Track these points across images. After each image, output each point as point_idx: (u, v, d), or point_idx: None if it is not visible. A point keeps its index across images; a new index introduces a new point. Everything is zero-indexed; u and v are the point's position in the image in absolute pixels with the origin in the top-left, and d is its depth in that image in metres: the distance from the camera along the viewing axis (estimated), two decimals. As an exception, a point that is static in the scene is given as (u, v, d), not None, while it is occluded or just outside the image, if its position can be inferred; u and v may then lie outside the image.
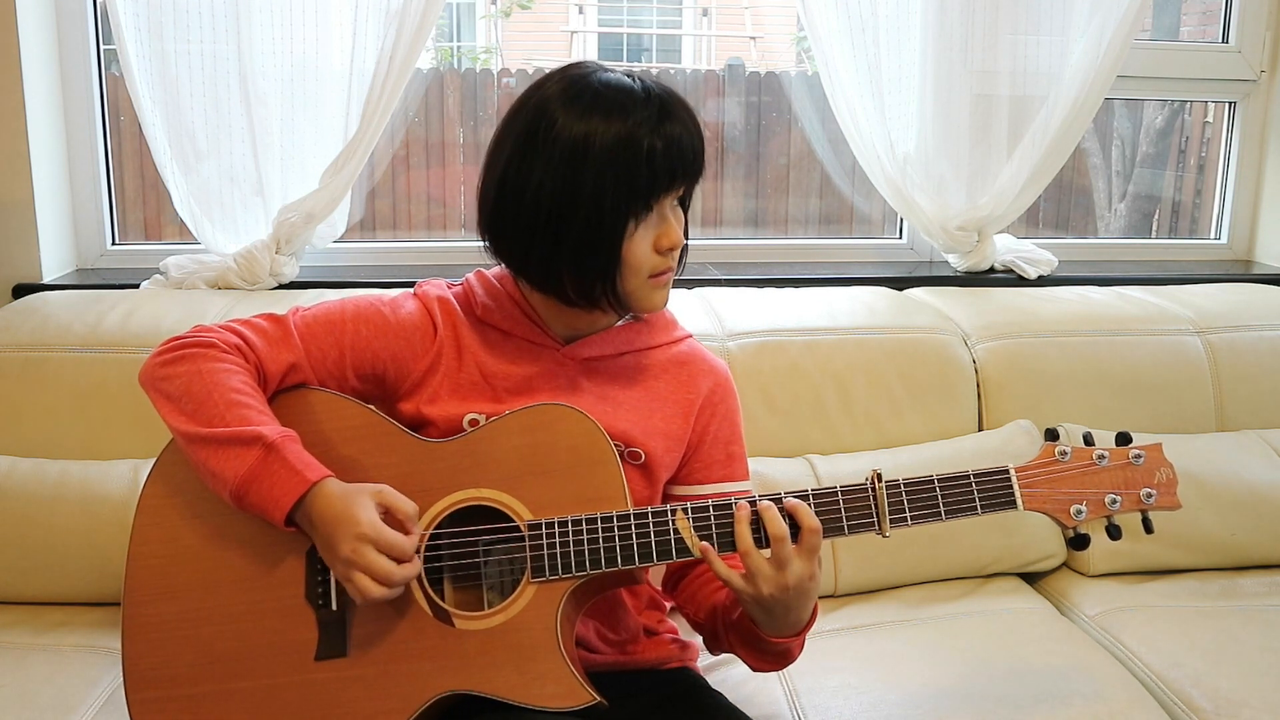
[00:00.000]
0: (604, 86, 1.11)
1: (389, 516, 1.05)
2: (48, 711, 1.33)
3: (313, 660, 1.08)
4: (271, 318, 1.18)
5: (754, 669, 1.19)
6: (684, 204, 1.20)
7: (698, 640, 1.36)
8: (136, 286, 1.96)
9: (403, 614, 1.08)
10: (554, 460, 1.10)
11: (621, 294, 1.15)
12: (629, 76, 1.13)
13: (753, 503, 1.07)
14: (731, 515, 1.07)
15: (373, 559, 1.01)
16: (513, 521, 1.09)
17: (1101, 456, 1.12)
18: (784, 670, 1.44)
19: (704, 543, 1.07)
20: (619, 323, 1.23)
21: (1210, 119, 2.63)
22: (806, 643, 1.16)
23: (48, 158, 2.00)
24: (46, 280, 1.99)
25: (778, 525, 1.04)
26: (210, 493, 1.10)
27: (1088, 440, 1.14)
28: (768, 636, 1.11)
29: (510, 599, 1.08)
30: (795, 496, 1.08)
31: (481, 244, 1.19)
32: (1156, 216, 2.76)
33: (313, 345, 1.17)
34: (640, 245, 1.12)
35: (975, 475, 1.10)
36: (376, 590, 1.01)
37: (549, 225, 1.11)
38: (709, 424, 1.25)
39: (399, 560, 1.03)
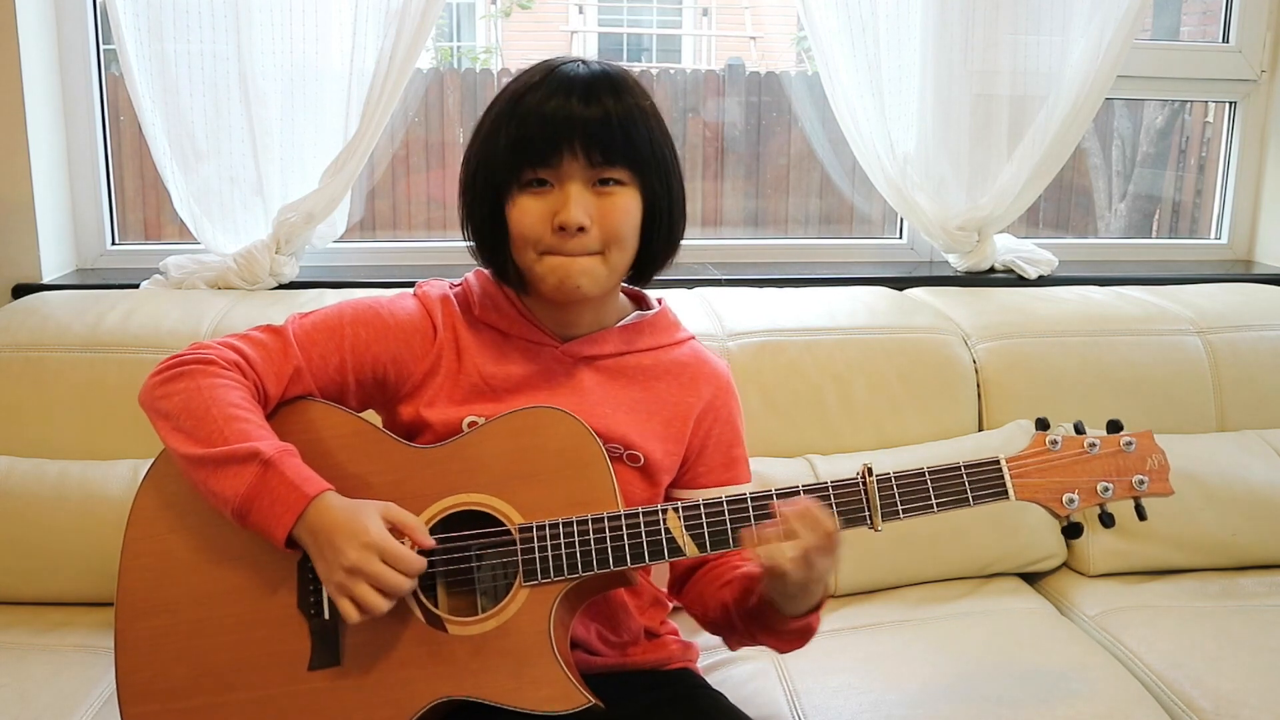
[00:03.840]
0: (541, 63, 1.12)
1: (395, 533, 1.04)
2: (48, 711, 1.34)
3: (306, 670, 1.07)
4: (269, 329, 1.17)
5: (780, 651, 1.20)
6: (652, 193, 1.13)
7: (699, 641, 1.36)
8: (136, 286, 1.96)
9: (395, 621, 1.07)
10: (543, 463, 1.09)
11: (521, 271, 1.15)
12: (581, 62, 1.12)
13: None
14: (720, 513, 1.08)
15: (380, 568, 1.01)
16: (504, 525, 1.09)
17: (1092, 444, 1.12)
18: (784, 670, 1.45)
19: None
20: (620, 323, 1.23)
21: (1210, 119, 2.63)
22: (807, 644, 1.17)
23: (48, 158, 2.00)
24: (46, 280, 1.99)
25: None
26: (201, 505, 1.09)
27: (1078, 429, 1.14)
28: (791, 617, 1.12)
29: (502, 603, 1.07)
30: (786, 492, 1.08)
31: None
32: (1156, 216, 2.76)
33: (313, 352, 1.15)
34: (527, 216, 1.10)
35: (966, 466, 1.10)
36: (378, 601, 1.00)
37: (463, 194, 1.16)
38: (711, 429, 1.24)
39: (404, 574, 1.02)
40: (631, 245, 1.14)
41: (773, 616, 1.13)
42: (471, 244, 1.18)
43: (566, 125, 1.07)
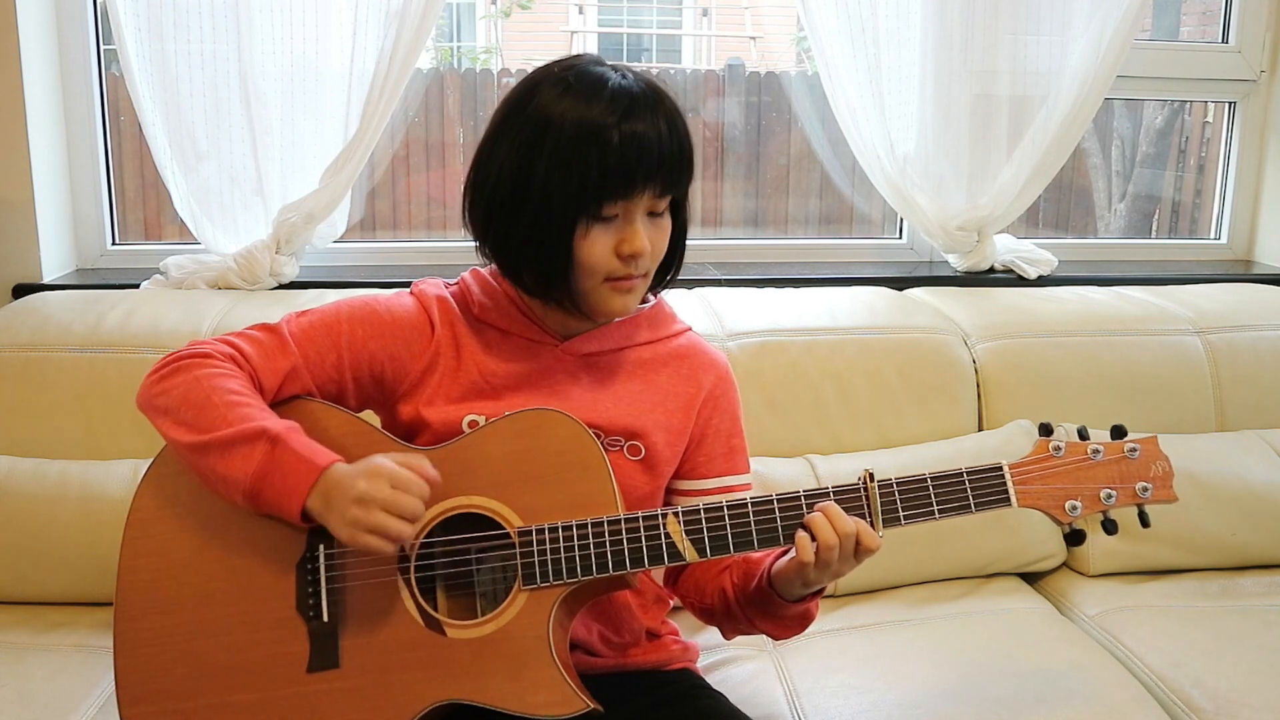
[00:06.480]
0: (581, 75, 1.09)
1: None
2: (48, 711, 1.34)
3: (305, 672, 1.07)
4: (265, 327, 1.17)
5: (777, 638, 1.22)
6: (677, 209, 1.16)
7: (698, 640, 1.36)
8: (136, 286, 1.96)
9: (394, 624, 1.07)
10: (543, 465, 1.09)
11: (576, 294, 1.13)
12: (616, 70, 1.10)
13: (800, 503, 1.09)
14: (720, 518, 1.07)
15: (390, 493, 1.00)
16: (503, 529, 1.09)
17: (1096, 451, 1.11)
18: (784, 670, 1.45)
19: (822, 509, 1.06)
20: (617, 318, 1.22)
21: (1210, 119, 2.63)
22: (806, 643, 1.17)
23: (48, 158, 2.00)
24: (46, 280, 1.99)
25: (846, 524, 1.06)
26: (201, 505, 1.09)
27: (1082, 435, 1.14)
28: (791, 602, 1.13)
29: (501, 607, 1.07)
30: (787, 497, 1.08)
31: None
32: (1156, 216, 2.76)
33: (310, 350, 1.15)
34: (596, 247, 1.09)
35: (969, 473, 1.09)
36: (398, 525, 1.00)
37: (503, 210, 1.11)
38: (711, 418, 1.24)
39: (415, 496, 1.02)
40: None
41: (773, 602, 1.14)
42: (469, 224, 1.16)
43: (649, 167, 1.07)
